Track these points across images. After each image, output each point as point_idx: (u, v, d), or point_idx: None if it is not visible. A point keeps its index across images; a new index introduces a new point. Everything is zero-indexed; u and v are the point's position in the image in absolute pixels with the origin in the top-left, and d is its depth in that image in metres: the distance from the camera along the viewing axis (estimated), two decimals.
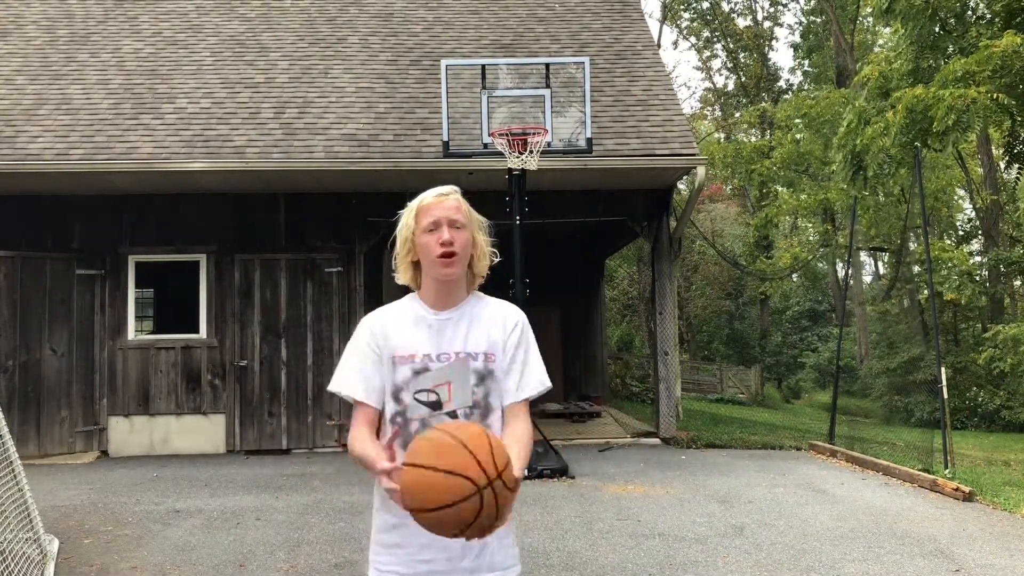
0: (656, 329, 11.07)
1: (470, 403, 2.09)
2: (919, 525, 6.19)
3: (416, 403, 2.07)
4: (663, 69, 11.90)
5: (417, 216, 2.14)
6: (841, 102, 18.86)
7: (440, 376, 2.09)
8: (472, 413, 2.08)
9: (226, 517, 6.58)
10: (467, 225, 2.14)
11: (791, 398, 31.75)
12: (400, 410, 2.09)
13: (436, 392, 2.08)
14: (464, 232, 2.12)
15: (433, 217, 2.11)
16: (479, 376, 2.10)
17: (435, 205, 2.13)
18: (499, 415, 2.13)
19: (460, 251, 2.10)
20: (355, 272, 10.44)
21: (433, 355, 2.10)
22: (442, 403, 2.07)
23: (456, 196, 2.17)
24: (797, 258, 22.96)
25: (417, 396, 2.08)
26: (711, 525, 6.18)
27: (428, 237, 2.10)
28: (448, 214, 2.11)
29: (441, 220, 2.10)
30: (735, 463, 9.12)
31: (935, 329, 9.78)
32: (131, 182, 9.98)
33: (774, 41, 43.89)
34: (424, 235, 2.11)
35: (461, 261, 2.12)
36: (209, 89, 11.05)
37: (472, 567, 2.04)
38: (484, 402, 2.10)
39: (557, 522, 6.26)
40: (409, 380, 2.09)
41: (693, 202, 11.28)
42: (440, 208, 2.12)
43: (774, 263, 24.06)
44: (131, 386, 10.21)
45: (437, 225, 2.10)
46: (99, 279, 10.29)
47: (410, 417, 2.08)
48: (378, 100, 10.91)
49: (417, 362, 2.09)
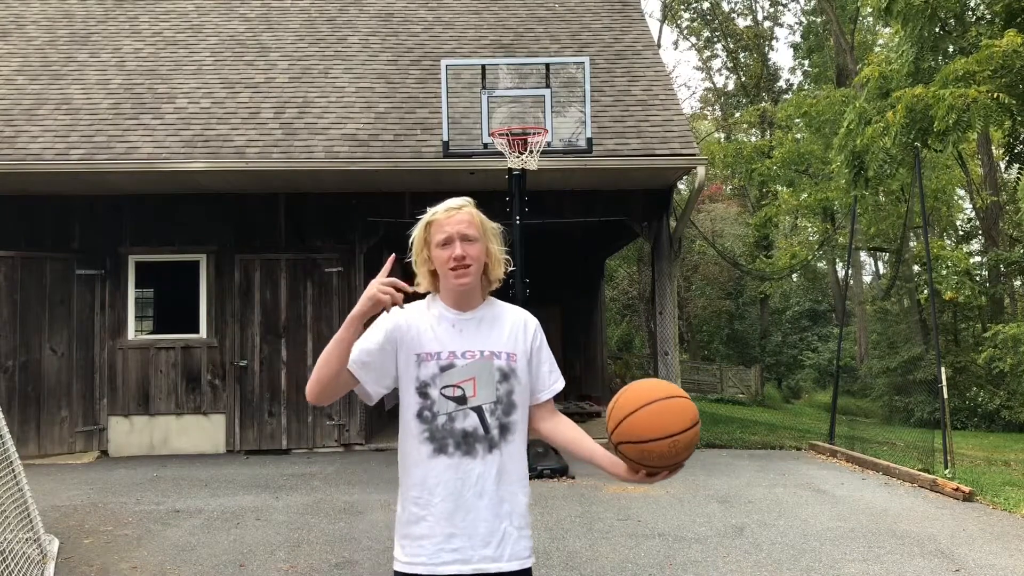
0: (656, 329, 11.07)
1: (494, 399, 2.18)
2: (919, 525, 6.19)
3: (443, 398, 2.16)
4: (663, 69, 11.89)
5: (430, 230, 2.21)
6: (841, 101, 18.85)
7: (466, 372, 2.17)
8: (496, 408, 2.18)
9: (226, 517, 6.58)
10: (480, 238, 2.21)
11: (791, 398, 31.74)
12: (427, 404, 2.17)
13: (462, 388, 2.16)
14: (477, 245, 2.19)
15: (445, 233, 2.18)
16: (502, 374, 2.20)
17: (446, 220, 2.19)
18: (520, 412, 2.23)
19: (474, 263, 2.19)
20: (355, 272, 10.44)
21: (458, 352, 2.19)
22: (467, 398, 2.16)
23: (468, 209, 2.23)
24: (797, 258, 22.94)
25: (444, 391, 2.16)
26: (711, 525, 6.18)
27: (441, 252, 2.18)
28: (460, 228, 2.18)
29: (453, 236, 2.17)
30: (735, 463, 9.12)
31: (935, 329, 9.78)
32: (131, 182, 9.98)
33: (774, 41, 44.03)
34: (437, 250, 2.19)
35: (475, 272, 2.20)
36: (209, 89, 11.05)
37: (495, 555, 2.15)
38: (507, 399, 2.20)
39: (557, 522, 6.27)
40: (436, 376, 2.17)
41: (693, 202, 11.28)
42: (451, 223, 2.18)
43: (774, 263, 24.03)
44: (131, 386, 10.21)
45: (450, 240, 2.17)
46: (99, 279, 10.29)
47: (437, 412, 2.16)
48: (378, 100, 10.91)
49: (443, 359, 2.18)
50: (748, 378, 28.00)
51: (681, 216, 11.91)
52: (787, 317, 34.54)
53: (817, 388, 32.69)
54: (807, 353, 32.48)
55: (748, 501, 7.02)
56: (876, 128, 12.44)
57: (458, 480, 2.13)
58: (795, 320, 34.39)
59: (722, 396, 25.47)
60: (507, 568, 2.15)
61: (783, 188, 25.01)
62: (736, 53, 34.74)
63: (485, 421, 2.16)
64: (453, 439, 2.14)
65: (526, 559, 2.19)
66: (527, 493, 2.24)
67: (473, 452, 2.14)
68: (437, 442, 2.15)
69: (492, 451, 2.16)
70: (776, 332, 32.95)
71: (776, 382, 32.47)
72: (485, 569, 2.13)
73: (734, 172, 24.34)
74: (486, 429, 2.16)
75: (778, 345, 32.19)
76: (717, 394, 25.92)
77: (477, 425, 2.15)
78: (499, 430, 2.17)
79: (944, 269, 16.45)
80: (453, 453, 2.14)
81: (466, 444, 2.14)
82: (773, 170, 22.12)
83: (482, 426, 2.15)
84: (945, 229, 26.48)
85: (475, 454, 2.14)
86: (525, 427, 2.26)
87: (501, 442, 2.17)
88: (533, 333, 2.31)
